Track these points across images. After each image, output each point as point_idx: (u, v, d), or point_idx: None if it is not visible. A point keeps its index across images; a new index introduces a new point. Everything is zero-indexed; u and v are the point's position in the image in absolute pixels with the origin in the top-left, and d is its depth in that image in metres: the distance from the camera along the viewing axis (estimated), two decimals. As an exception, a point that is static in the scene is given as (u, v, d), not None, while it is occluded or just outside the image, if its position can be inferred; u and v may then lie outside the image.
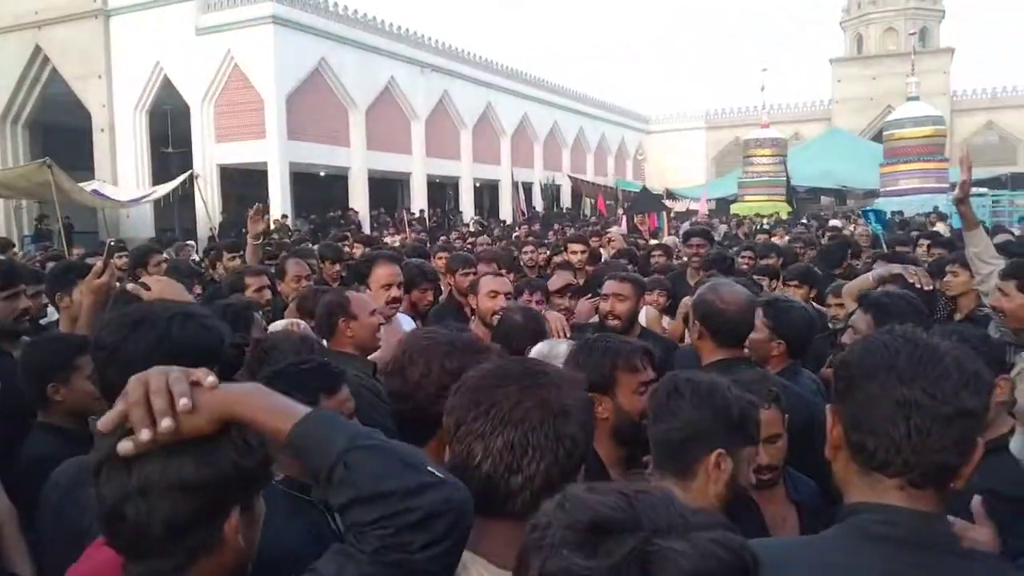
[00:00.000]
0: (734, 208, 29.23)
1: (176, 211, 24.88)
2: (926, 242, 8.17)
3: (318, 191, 27.32)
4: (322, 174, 26.50)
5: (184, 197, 21.77)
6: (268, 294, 4.76)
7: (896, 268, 4.00)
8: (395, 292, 3.94)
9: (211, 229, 19.30)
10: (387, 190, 28.90)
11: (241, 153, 23.21)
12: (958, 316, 4.38)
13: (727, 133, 44.79)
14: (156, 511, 1.11)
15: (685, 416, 1.74)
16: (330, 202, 26.49)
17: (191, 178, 20.54)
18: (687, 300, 4.77)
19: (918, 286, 3.54)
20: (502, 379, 1.38)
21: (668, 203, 24.77)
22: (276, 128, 22.63)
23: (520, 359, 1.80)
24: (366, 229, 22.32)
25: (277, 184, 22.95)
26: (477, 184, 32.65)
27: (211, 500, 1.15)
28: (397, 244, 11.41)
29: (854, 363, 1.30)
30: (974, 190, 21.19)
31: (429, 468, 1.13)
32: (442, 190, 31.96)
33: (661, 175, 40.21)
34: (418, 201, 28.53)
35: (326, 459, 1.13)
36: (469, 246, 11.81)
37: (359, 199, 26.00)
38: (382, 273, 3.98)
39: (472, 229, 19.19)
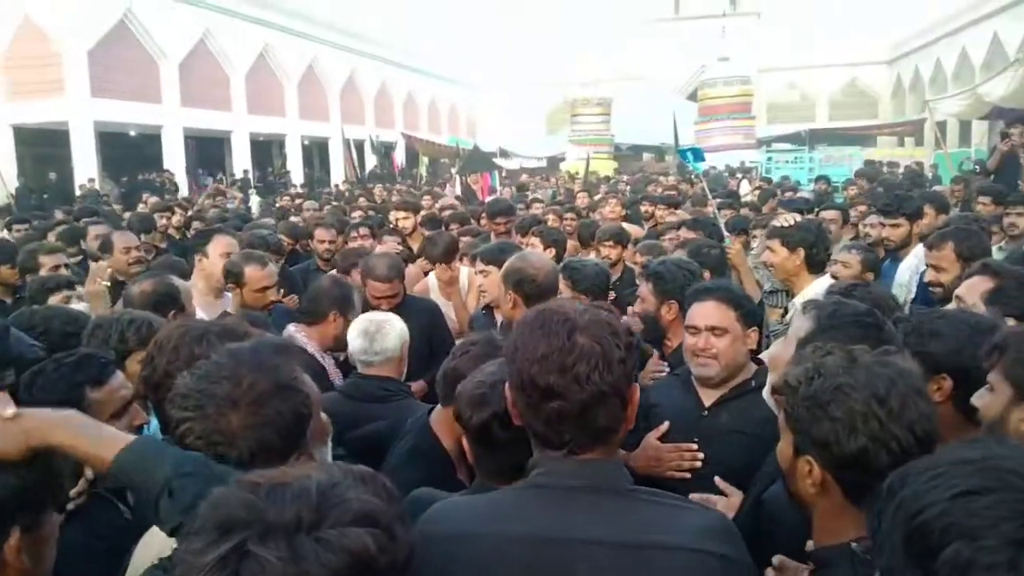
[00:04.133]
0: (563, 166, 30.08)
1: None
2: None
3: (129, 152, 25.37)
4: (132, 133, 24.63)
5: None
6: (65, 271, 4.45)
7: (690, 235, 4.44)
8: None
9: (9, 196, 17.51)
10: (208, 150, 27.32)
11: (38, 112, 21.11)
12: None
13: (557, 92, 45.72)
14: None
15: None
16: (143, 163, 24.71)
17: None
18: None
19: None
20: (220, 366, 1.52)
21: (501, 161, 25.14)
22: (77, 84, 20.76)
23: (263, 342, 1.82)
24: (184, 191, 21.05)
25: (81, 145, 21.12)
26: (306, 142, 31.55)
27: None
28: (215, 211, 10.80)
29: (509, 350, 1.42)
30: (776, 145, 22.71)
31: None
32: (268, 149, 30.64)
33: (494, 134, 40.53)
34: (242, 161, 27.20)
35: (152, 487, 1.20)
36: (296, 208, 11.50)
37: (175, 160, 24.40)
38: (223, 243, 4.15)
39: (300, 191, 18.61)
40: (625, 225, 6.52)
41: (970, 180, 10.09)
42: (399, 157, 24.92)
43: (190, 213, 9.43)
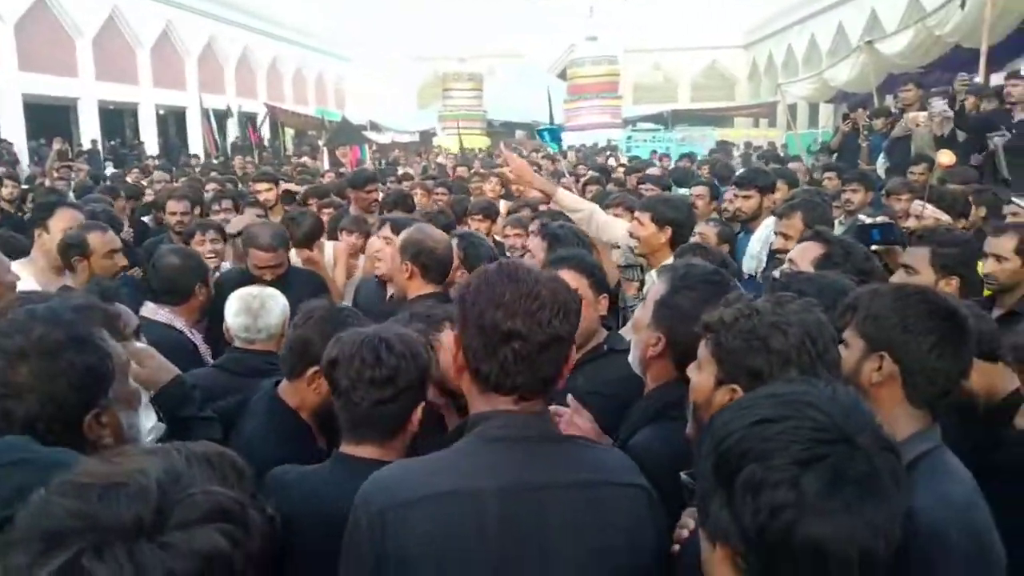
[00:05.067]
0: (436, 141, 29.85)
1: None
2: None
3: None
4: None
5: None
6: None
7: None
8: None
9: None
10: (53, 118, 25.22)
11: None
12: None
13: (428, 66, 45.18)
14: None
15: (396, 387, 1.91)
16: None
17: None
18: (375, 239, 4.89)
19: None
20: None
21: (371, 135, 24.62)
22: None
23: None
24: (24, 163, 19.41)
25: None
26: (161, 111, 29.73)
27: None
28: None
29: (469, 298, 1.49)
30: (640, 125, 23.48)
31: None
32: (120, 118, 28.66)
33: (364, 106, 39.63)
34: (90, 131, 25.32)
35: None
36: (146, 182, 10.85)
37: (14, 129, 22.41)
38: (66, 216, 3.94)
39: (158, 163, 17.52)
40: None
41: (817, 158, 10.80)
42: (263, 129, 23.85)
43: (47, 182, 8.73)
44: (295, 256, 4.44)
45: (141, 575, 0.77)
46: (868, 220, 3.48)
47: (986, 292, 3.20)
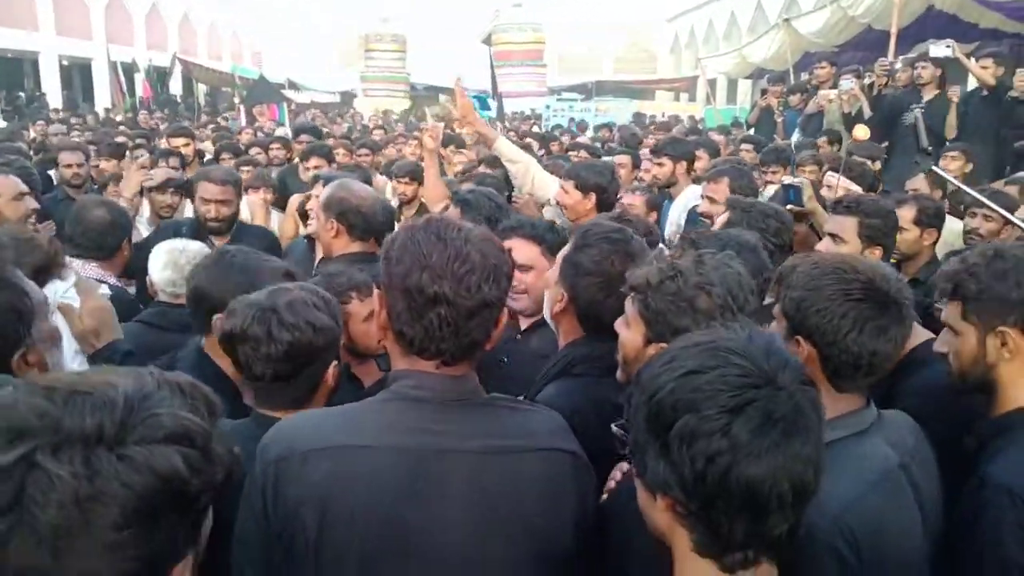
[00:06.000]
0: (357, 103, 29.24)
1: None
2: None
3: None
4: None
5: None
6: None
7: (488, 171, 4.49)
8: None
9: None
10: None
11: None
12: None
13: (350, 25, 43.94)
14: None
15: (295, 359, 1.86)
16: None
17: None
18: (297, 197, 4.80)
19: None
20: None
21: (290, 94, 23.88)
22: None
23: None
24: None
25: None
26: (64, 62, 28.13)
27: None
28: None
29: (393, 256, 1.41)
30: (566, 95, 23.50)
31: None
32: (19, 68, 26.98)
33: (282, 65, 38.37)
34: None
35: None
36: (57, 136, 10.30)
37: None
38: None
39: (62, 116, 16.62)
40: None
41: (733, 132, 11.09)
42: (173, 84, 22.84)
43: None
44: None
45: (93, 479, 0.77)
46: (788, 180, 3.61)
47: (892, 260, 3.38)
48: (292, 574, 1.36)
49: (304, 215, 4.26)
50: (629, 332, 1.71)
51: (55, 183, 6.52)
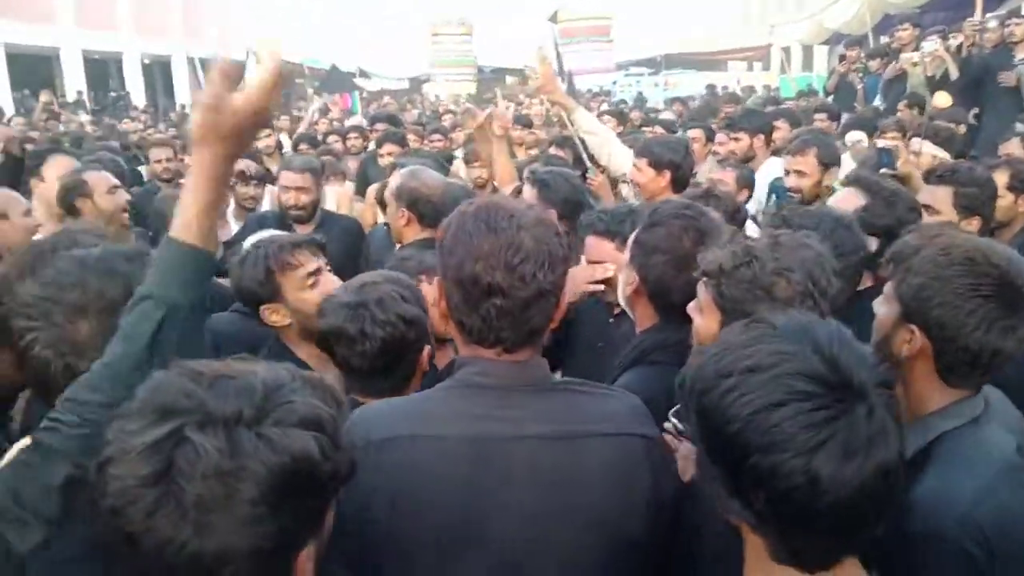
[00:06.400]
0: (426, 89, 29.45)
1: None
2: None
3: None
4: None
5: None
6: None
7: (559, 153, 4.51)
8: None
9: None
10: (36, 69, 24.71)
11: None
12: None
13: (417, 10, 44.14)
14: None
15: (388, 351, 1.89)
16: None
17: None
18: (375, 185, 4.91)
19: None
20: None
21: (361, 82, 24.23)
22: None
23: None
24: (9, 114, 19.07)
25: None
26: (146, 60, 29.16)
27: None
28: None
29: (446, 246, 1.39)
30: (633, 70, 23.11)
31: None
32: (105, 68, 28.09)
33: (352, 53, 38.86)
34: (75, 82, 24.83)
35: None
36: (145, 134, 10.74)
37: (-2, 79, 22.01)
38: (61, 163, 3.96)
39: (142, 113, 17.25)
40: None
41: (807, 100, 10.75)
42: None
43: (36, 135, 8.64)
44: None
45: (236, 452, 0.84)
46: (882, 144, 3.46)
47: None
48: (365, 563, 1.37)
49: (383, 203, 4.34)
50: (703, 319, 1.65)
51: (144, 178, 6.83)
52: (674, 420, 1.52)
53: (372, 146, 6.92)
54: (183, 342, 1.20)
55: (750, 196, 4.47)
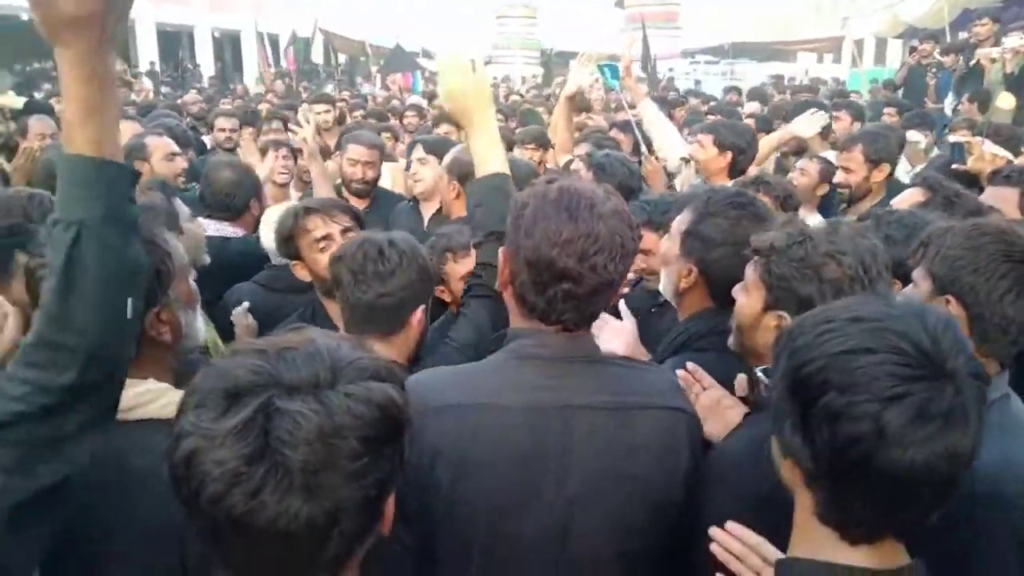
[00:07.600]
0: (490, 70, 29.54)
1: None
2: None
3: (24, 39, 23.40)
4: (25, 17, 22.73)
5: None
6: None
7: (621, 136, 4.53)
8: None
9: None
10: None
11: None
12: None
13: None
14: None
15: (398, 281, 1.88)
16: (40, 52, 22.86)
17: None
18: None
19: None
20: None
21: (424, 62, 24.37)
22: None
23: None
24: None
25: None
26: (216, 34, 29.78)
27: None
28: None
29: (524, 226, 1.41)
30: (704, 57, 22.75)
31: None
32: (177, 41, 28.79)
33: (416, 32, 39.02)
34: (148, 53, 25.54)
35: None
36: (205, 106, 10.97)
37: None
38: (126, 129, 3.96)
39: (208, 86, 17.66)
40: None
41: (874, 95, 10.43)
42: (315, 53, 23.74)
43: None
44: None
45: (329, 413, 0.85)
46: (954, 139, 3.38)
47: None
48: (425, 525, 1.42)
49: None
50: (747, 298, 1.65)
51: (208, 147, 7.02)
52: (760, 374, 1.54)
53: (429, 124, 6.98)
54: (103, 258, 1.13)
55: (832, 190, 4.29)
